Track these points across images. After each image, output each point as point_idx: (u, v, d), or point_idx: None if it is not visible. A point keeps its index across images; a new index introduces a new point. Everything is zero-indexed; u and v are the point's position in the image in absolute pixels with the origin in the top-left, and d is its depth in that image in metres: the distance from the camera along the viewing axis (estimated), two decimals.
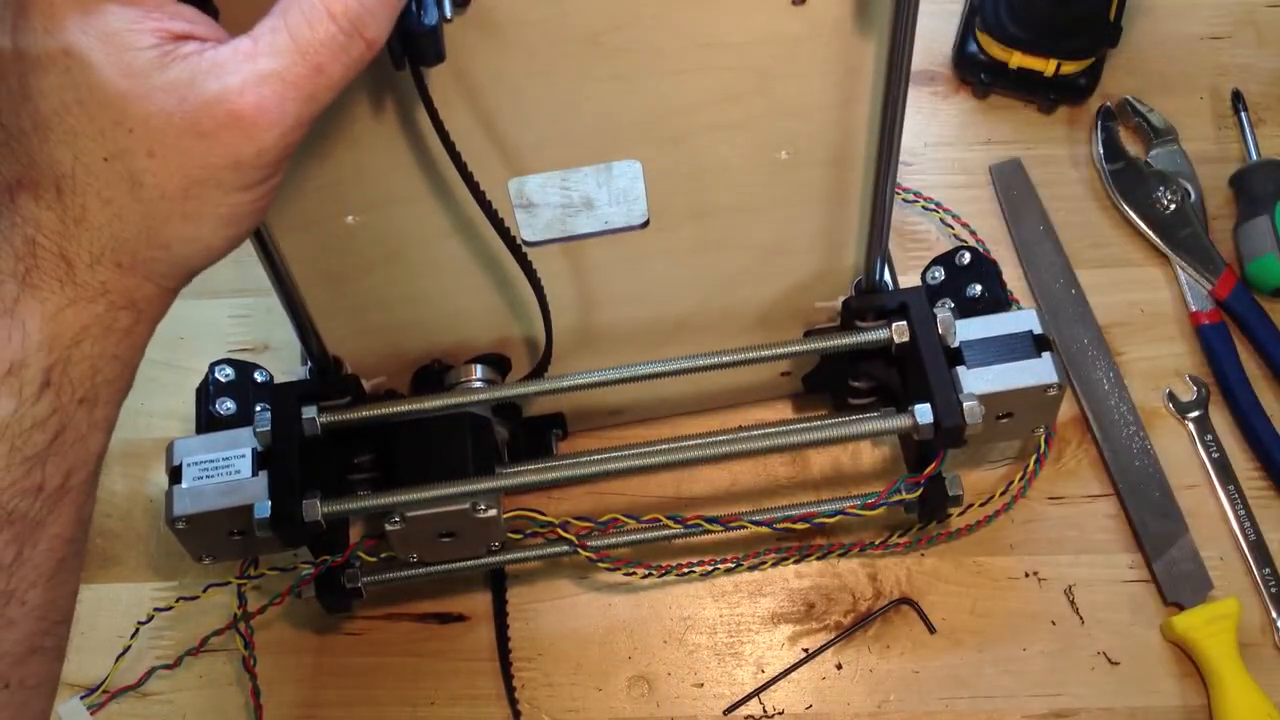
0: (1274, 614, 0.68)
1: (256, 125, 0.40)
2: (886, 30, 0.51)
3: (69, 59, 0.40)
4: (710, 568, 0.68)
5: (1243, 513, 0.70)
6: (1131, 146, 0.81)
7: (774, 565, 0.69)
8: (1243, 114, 0.81)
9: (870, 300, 0.64)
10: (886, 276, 0.65)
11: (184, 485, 0.60)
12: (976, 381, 0.60)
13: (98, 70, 0.40)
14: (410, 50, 0.45)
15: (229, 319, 0.78)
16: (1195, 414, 0.73)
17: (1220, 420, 0.73)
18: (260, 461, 0.60)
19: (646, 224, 0.59)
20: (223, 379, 0.64)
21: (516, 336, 0.65)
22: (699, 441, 0.64)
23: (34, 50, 0.40)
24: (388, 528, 0.60)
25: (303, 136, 0.42)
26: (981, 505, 0.70)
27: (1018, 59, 0.80)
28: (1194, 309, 0.76)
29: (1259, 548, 0.69)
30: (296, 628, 0.70)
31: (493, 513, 0.60)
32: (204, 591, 0.67)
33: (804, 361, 0.71)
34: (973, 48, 0.82)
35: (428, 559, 0.65)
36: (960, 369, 0.61)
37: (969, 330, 0.62)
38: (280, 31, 0.40)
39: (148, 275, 0.43)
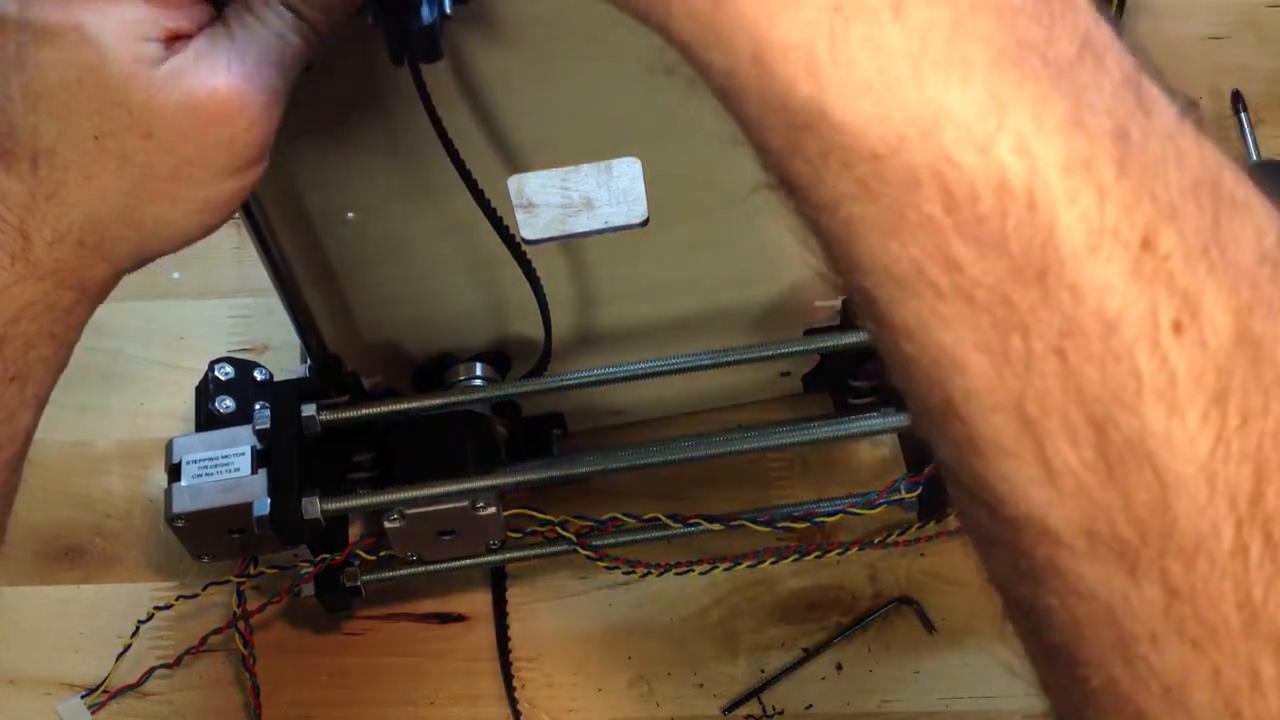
0: None
1: (245, 95, 0.41)
2: None
3: (79, 35, 0.40)
4: (710, 567, 0.68)
5: None
6: None
7: (774, 564, 0.69)
8: (1243, 114, 0.81)
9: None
10: None
11: (183, 483, 0.60)
12: None
13: (107, 52, 0.40)
14: (409, 47, 0.45)
15: (229, 319, 0.78)
16: None
17: None
18: (259, 459, 0.61)
19: (646, 223, 0.59)
20: (222, 377, 0.64)
21: (516, 335, 0.65)
22: (699, 441, 0.64)
23: (40, 21, 0.41)
24: (387, 525, 0.60)
25: (281, 114, 0.43)
26: None
27: None
28: None
29: None
30: (296, 627, 0.70)
31: (492, 510, 0.60)
32: (203, 590, 0.67)
33: (804, 361, 0.71)
34: None
35: (427, 557, 0.65)
36: None
37: None
38: (242, 10, 0.42)
39: (107, 256, 0.43)
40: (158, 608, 0.68)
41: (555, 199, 0.69)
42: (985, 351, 0.27)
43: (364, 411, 0.62)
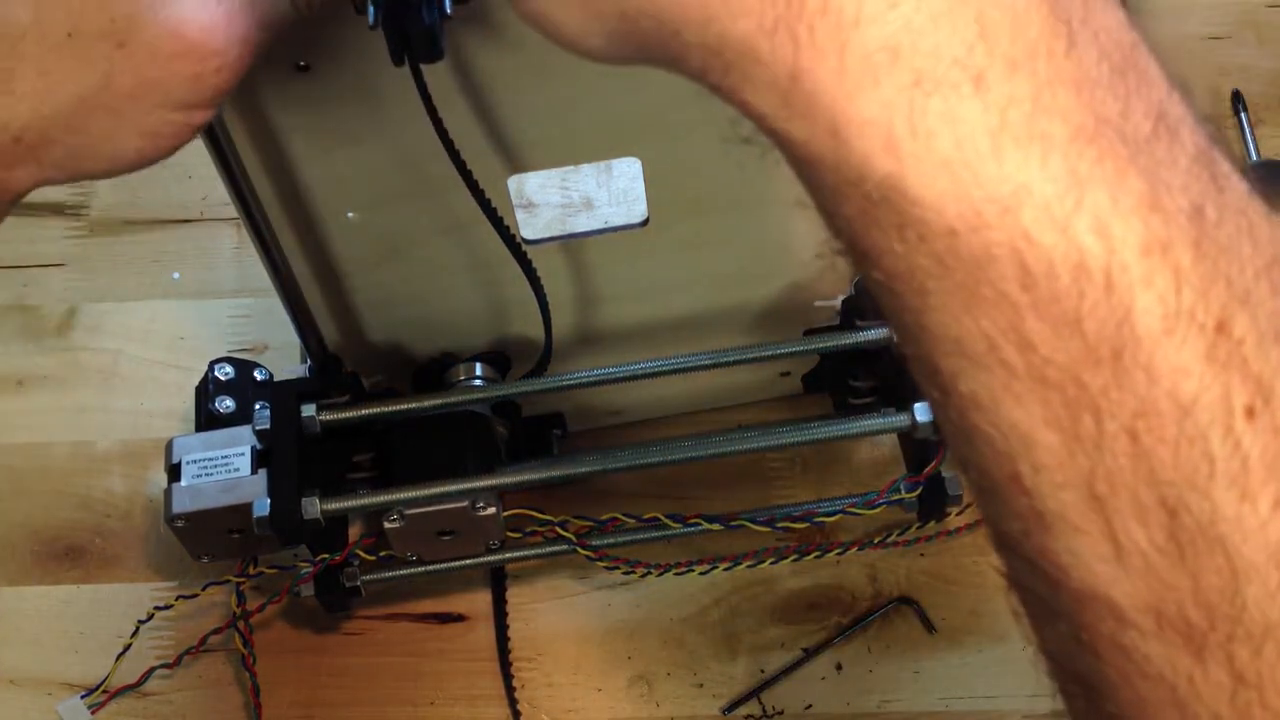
0: None
1: (225, 38, 0.40)
2: None
3: None
4: (710, 567, 0.68)
5: None
6: None
7: (774, 564, 0.69)
8: (1243, 114, 0.81)
9: (870, 299, 0.64)
10: None
11: (183, 483, 0.60)
12: None
13: None
14: (409, 47, 0.45)
15: (229, 319, 0.78)
16: None
17: None
18: (259, 459, 0.61)
19: (646, 223, 0.59)
20: (222, 377, 0.64)
21: (516, 335, 0.65)
22: (699, 440, 0.64)
23: None
24: (386, 525, 0.60)
25: (248, 69, 0.42)
26: None
27: None
28: None
29: None
30: (296, 627, 0.70)
31: (492, 510, 0.60)
32: (203, 590, 0.67)
33: (804, 361, 0.71)
34: None
35: (427, 558, 0.65)
36: None
37: None
38: None
39: (39, 159, 0.42)
40: (158, 608, 0.68)
41: (555, 199, 0.69)
42: (1056, 428, 0.27)
43: (364, 411, 0.62)
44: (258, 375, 0.65)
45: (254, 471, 0.60)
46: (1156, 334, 0.26)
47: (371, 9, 0.41)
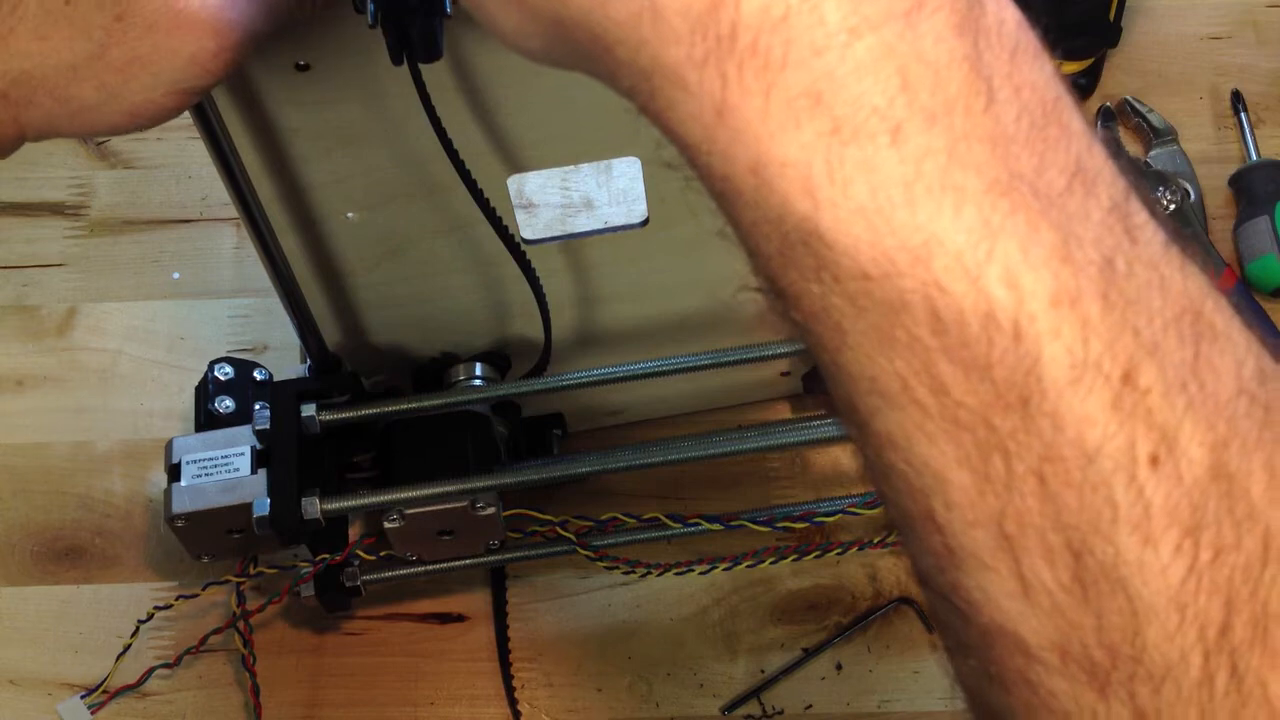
0: None
1: (227, 23, 0.40)
2: None
3: None
4: (710, 567, 0.68)
5: None
6: (1131, 147, 0.81)
7: (774, 564, 0.69)
8: (1242, 114, 0.81)
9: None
10: None
11: (183, 483, 0.60)
12: None
13: None
14: (409, 47, 0.45)
15: (229, 319, 0.78)
16: None
17: None
18: (259, 459, 0.61)
19: (646, 223, 0.59)
20: (222, 377, 0.64)
21: (516, 335, 0.65)
22: (699, 440, 0.64)
23: None
24: (386, 525, 0.60)
25: (245, 58, 0.42)
26: None
27: None
28: None
29: None
30: (296, 627, 0.70)
31: (492, 510, 0.60)
32: (203, 590, 0.67)
33: (804, 361, 0.71)
34: None
35: (427, 557, 0.65)
36: None
37: None
38: None
39: (19, 118, 0.42)
40: (158, 608, 0.68)
41: (555, 199, 0.69)
42: (967, 468, 0.27)
43: (364, 411, 0.62)
44: (258, 375, 0.65)
45: (254, 471, 0.60)
46: (1062, 384, 0.26)
47: (371, 7, 0.41)
